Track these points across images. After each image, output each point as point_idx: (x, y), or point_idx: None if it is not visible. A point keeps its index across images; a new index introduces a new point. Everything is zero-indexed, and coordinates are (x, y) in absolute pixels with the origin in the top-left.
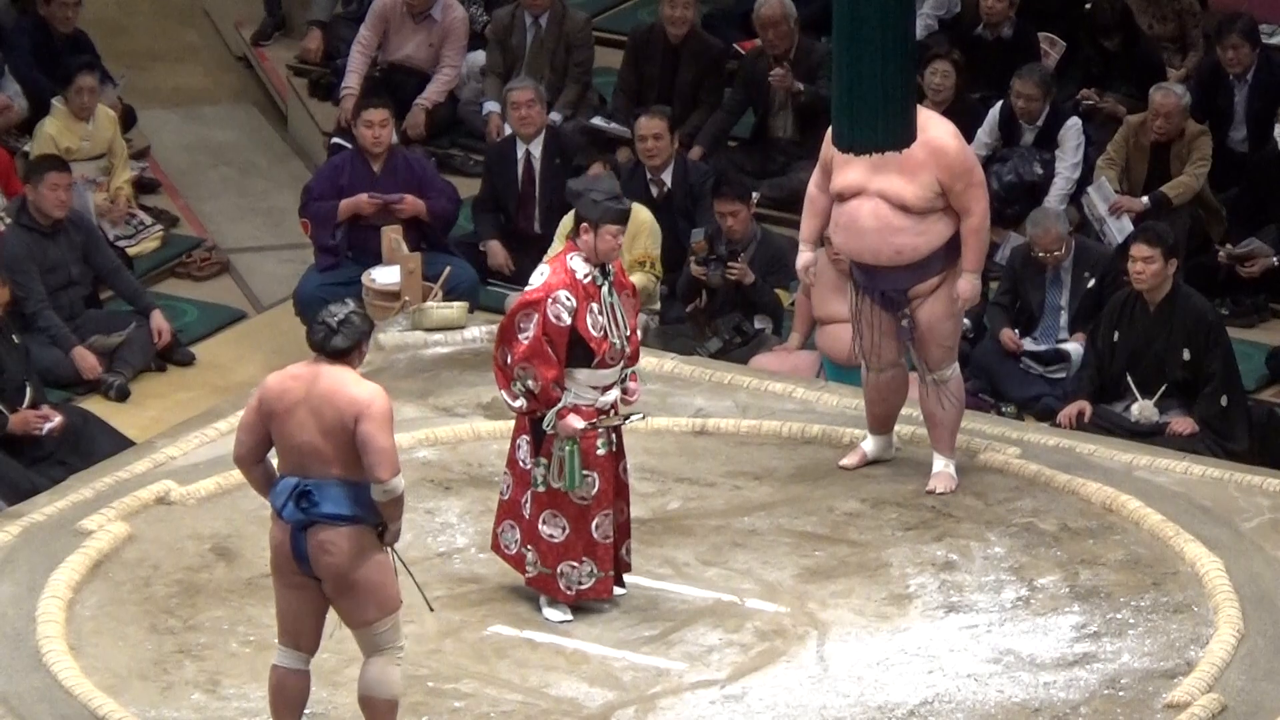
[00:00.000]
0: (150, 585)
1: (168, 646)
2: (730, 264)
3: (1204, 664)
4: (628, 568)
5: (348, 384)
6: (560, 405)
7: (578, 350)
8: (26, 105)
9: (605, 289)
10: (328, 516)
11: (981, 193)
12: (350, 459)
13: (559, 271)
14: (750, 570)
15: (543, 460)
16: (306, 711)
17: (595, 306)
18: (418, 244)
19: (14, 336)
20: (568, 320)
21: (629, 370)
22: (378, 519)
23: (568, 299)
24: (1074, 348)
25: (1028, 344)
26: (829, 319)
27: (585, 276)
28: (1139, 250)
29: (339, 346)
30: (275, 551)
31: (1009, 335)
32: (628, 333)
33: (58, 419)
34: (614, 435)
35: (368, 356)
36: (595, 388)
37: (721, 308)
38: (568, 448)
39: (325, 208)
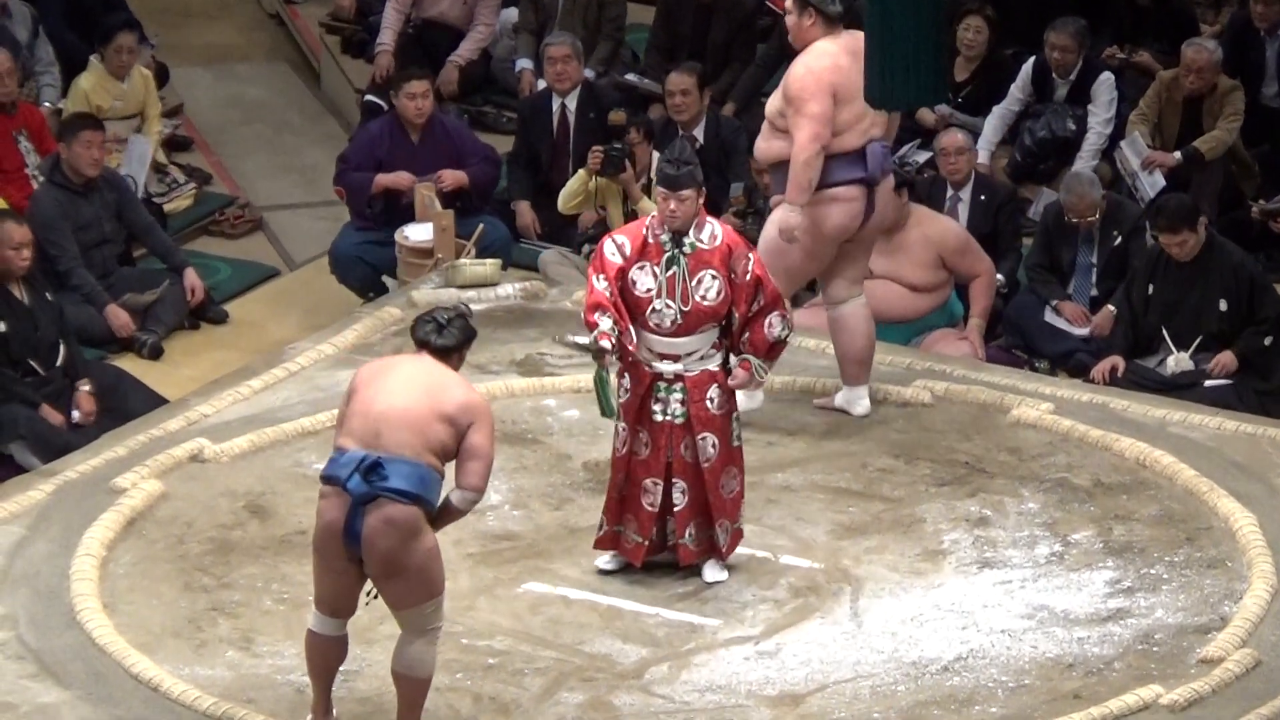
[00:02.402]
0: (184, 543)
1: (201, 604)
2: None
3: (1238, 619)
4: (690, 554)
5: (464, 383)
6: (601, 332)
7: (629, 304)
8: (58, 70)
9: (672, 255)
10: (395, 491)
11: (804, 123)
12: (434, 444)
13: (634, 224)
14: (784, 526)
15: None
16: (341, 669)
17: (653, 267)
18: (455, 210)
19: (47, 295)
20: (618, 259)
21: (743, 356)
22: (433, 507)
23: (622, 240)
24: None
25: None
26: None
27: (654, 237)
28: (1167, 239)
29: (445, 343)
30: (324, 530)
31: (1072, 308)
32: (685, 308)
33: (87, 406)
34: (680, 406)
35: (399, 313)
36: (651, 350)
37: None
38: (595, 374)
39: (362, 178)
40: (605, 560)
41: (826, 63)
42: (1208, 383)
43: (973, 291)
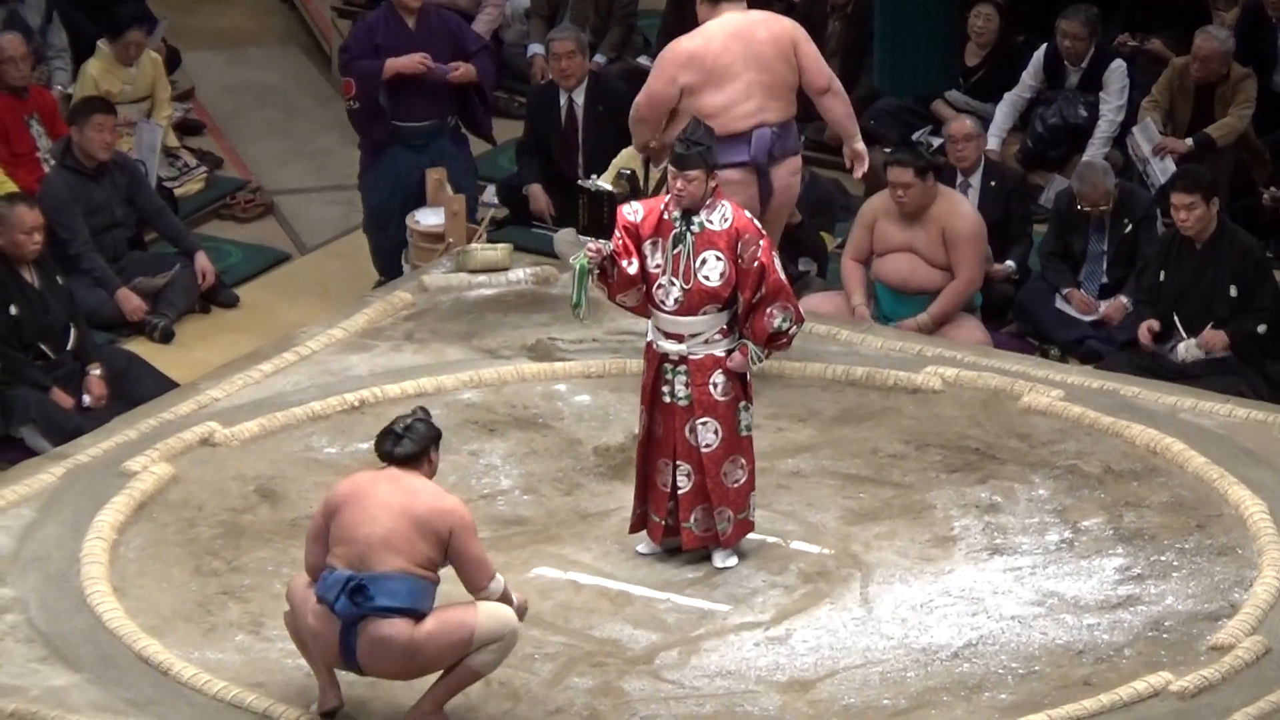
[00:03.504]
0: (194, 527)
1: (211, 588)
2: None
3: (1248, 606)
4: (693, 539)
5: (436, 490)
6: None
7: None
8: (70, 56)
9: (680, 232)
10: (382, 609)
11: (641, 92)
12: (420, 559)
13: (654, 199)
14: (794, 512)
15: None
16: None
17: (661, 243)
18: (470, 110)
19: (58, 278)
20: (634, 219)
21: (742, 340)
22: (425, 615)
23: (638, 207)
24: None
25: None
26: (887, 250)
27: (668, 214)
28: (1179, 199)
29: (406, 452)
30: (317, 643)
31: (1080, 298)
32: (686, 286)
33: (97, 389)
34: (685, 389)
35: (410, 298)
36: (658, 329)
37: None
38: (580, 263)
39: (371, 66)
40: (642, 545)
41: (696, 43)
42: (1184, 351)
43: (944, 289)
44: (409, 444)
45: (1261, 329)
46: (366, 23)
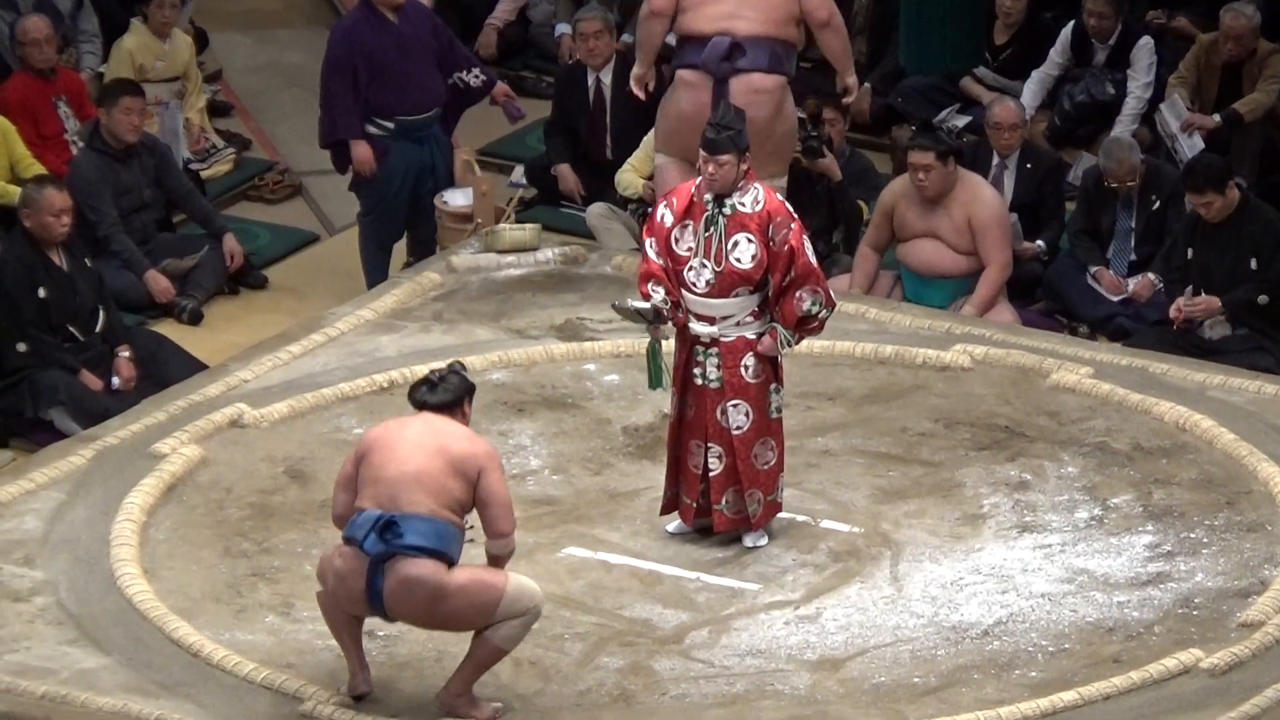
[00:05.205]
0: (224, 508)
1: (241, 569)
2: (825, 146)
3: (1278, 583)
4: (724, 521)
5: (468, 433)
6: (656, 304)
7: (670, 260)
8: (100, 42)
9: (712, 214)
10: (411, 548)
11: None
12: (449, 501)
13: (685, 184)
14: (824, 491)
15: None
16: (380, 633)
17: (693, 225)
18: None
19: (86, 261)
20: (670, 221)
21: (772, 324)
22: (454, 559)
23: (674, 201)
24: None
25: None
26: (910, 235)
27: (699, 198)
28: (1195, 199)
29: (440, 400)
30: (343, 586)
31: (1109, 278)
32: (718, 268)
33: (127, 372)
34: (716, 371)
35: (439, 279)
36: (689, 311)
37: (804, 212)
38: (648, 344)
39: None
40: (674, 525)
41: None
42: (1211, 328)
43: (981, 278)
44: (443, 393)
45: (1263, 300)
46: (345, 28)
